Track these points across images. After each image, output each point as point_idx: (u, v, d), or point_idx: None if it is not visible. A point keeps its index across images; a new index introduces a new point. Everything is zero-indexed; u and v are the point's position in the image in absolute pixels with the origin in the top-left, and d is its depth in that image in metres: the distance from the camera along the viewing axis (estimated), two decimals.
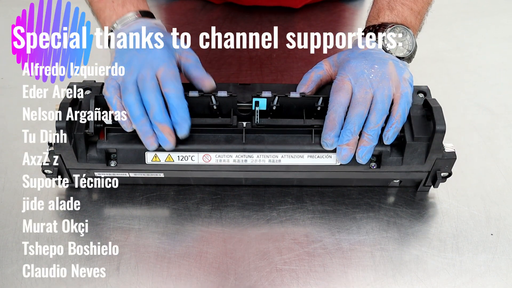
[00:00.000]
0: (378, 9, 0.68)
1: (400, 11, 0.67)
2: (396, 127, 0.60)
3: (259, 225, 0.65)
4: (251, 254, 0.61)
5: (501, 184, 0.70)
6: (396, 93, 0.61)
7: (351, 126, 0.59)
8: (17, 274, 0.59)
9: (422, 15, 0.70)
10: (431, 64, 0.90)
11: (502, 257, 0.62)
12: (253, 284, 0.59)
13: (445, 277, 0.60)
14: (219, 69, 0.88)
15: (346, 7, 1.04)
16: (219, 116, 0.64)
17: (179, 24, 0.97)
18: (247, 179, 0.67)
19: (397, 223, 0.65)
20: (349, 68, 0.62)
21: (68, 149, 0.61)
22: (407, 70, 0.63)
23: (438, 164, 0.63)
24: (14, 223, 0.64)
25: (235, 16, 1.00)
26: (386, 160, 0.62)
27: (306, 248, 0.62)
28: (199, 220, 0.65)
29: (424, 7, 0.69)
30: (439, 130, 0.59)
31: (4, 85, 0.85)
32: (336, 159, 0.62)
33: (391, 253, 0.62)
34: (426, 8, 0.70)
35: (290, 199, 0.67)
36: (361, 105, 0.60)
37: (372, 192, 0.68)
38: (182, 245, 0.62)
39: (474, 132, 0.77)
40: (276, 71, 0.88)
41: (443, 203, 0.67)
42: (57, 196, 0.67)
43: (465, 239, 0.63)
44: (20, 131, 0.76)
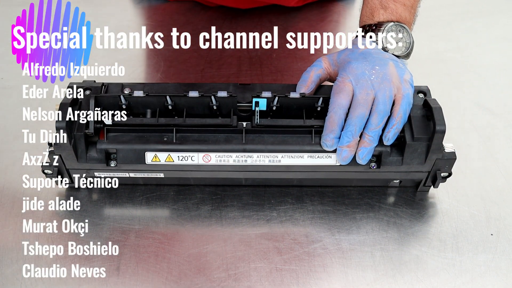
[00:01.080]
0: (371, 9, 0.68)
1: (393, 8, 0.67)
2: (397, 128, 0.60)
3: (259, 225, 0.65)
4: (251, 254, 0.61)
5: (501, 184, 0.70)
6: (397, 94, 0.61)
7: (352, 127, 0.59)
8: (17, 274, 0.59)
9: (415, 8, 0.70)
10: (431, 64, 0.90)
11: (502, 257, 0.62)
12: (253, 284, 0.59)
13: (445, 277, 0.60)
14: (219, 69, 0.88)
15: (345, 7, 1.04)
16: (219, 116, 0.64)
17: (179, 24, 0.97)
18: (247, 179, 0.67)
19: (397, 223, 0.65)
20: (350, 69, 0.62)
21: (68, 149, 0.61)
22: (407, 70, 0.63)
23: (438, 164, 0.63)
24: (14, 223, 0.64)
25: (235, 16, 1.00)
26: (386, 160, 0.62)
27: (306, 248, 0.62)
28: (199, 220, 0.65)
29: (416, 0, 0.69)
30: (439, 130, 0.59)
31: (4, 85, 0.85)
32: (336, 160, 0.62)
33: (391, 253, 0.62)
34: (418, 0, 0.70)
35: (290, 199, 0.67)
36: (362, 106, 0.60)
37: (372, 192, 0.68)
38: (182, 245, 0.62)
39: (474, 132, 0.77)
40: (276, 71, 0.88)
41: (443, 203, 0.67)
42: (57, 196, 0.67)
43: (465, 239, 0.63)
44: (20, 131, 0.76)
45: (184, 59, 0.89)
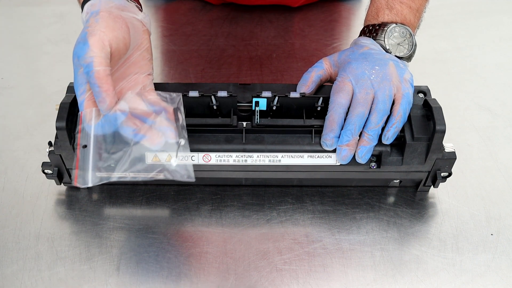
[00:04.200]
0: (376, 8, 0.68)
1: (399, 10, 0.67)
2: (397, 127, 0.60)
3: (259, 225, 0.65)
4: (251, 254, 0.61)
5: (501, 184, 0.70)
6: (397, 93, 0.61)
7: (351, 126, 0.59)
8: (17, 274, 0.59)
9: (421, 12, 0.70)
10: (431, 64, 0.90)
11: (502, 257, 0.62)
12: (253, 284, 0.59)
13: (445, 277, 0.60)
14: (219, 69, 0.88)
15: (345, 7, 1.04)
16: (219, 116, 0.64)
17: (179, 24, 0.98)
18: (247, 179, 0.67)
19: (397, 223, 0.65)
20: (350, 69, 0.62)
21: (68, 149, 0.61)
22: (408, 70, 0.63)
23: (438, 164, 0.63)
24: (14, 223, 0.64)
25: (235, 16, 1.00)
26: (386, 160, 0.62)
27: (306, 248, 0.62)
28: (199, 220, 0.65)
29: (422, 4, 0.70)
30: (439, 130, 0.59)
31: (4, 85, 0.85)
32: (336, 159, 0.62)
33: (391, 253, 0.62)
34: (424, 5, 0.70)
35: (290, 199, 0.67)
36: (362, 105, 0.60)
37: (372, 192, 0.68)
38: (182, 245, 0.62)
39: (474, 132, 0.77)
40: (276, 71, 0.88)
41: (443, 203, 0.67)
42: (57, 196, 0.67)
43: (465, 239, 0.63)
44: (20, 131, 0.76)
45: (184, 59, 0.89)
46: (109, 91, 0.53)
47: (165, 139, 0.56)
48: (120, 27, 0.56)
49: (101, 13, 0.56)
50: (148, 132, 0.55)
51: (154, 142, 0.55)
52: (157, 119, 0.56)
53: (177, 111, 0.57)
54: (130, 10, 0.60)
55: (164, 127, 0.56)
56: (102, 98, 0.53)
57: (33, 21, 1.00)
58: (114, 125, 0.55)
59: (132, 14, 0.59)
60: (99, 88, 0.53)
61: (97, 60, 0.53)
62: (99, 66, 0.53)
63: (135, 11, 0.61)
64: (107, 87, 0.53)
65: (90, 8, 0.58)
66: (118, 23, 0.56)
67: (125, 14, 0.58)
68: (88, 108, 0.55)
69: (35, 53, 0.92)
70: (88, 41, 0.53)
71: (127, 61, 0.59)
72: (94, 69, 0.52)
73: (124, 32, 0.56)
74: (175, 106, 0.58)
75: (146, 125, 0.56)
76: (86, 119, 0.55)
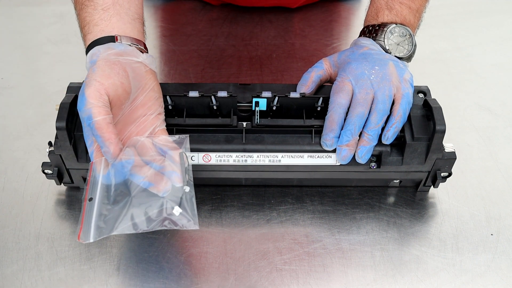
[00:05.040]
0: (376, 9, 0.68)
1: (399, 10, 0.67)
2: (397, 127, 0.60)
3: (259, 225, 0.65)
4: (251, 254, 0.61)
5: (501, 184, 0.70)
6: (397, 93, 0.61)
7: (351, 126, 0.59)
8: (17, 274, 0.59)
9: (420, 13, 0.70)
10: (431, 64, 0.90)
11: (502, 257, 0.62)
12: (253, 284, 0.59)
13: (445, 277, 0.60)
14: (219, 69, 0.88)
15: (345, 7, 1.04)
16: (219, 116, 0.64)
17: (179, 24, 0.98)
18: (247, 179, 0.67)
19: (397, 223, 0.65)
20: (350, 70, 0.62)
21: (68, 149, 0.61)
22: (407, 70, 0.63)
23: (438, 164, 0.63)
24: (14, 223, 0.64)
25: (235, 16, 1.00)
26: (386, 160, 0.62)
27: (306, 248, 0.62)
28: (199, 220, 0.65)
29: (422, 5, 0.70)
30: (439, 130, 0.59)
31: (4, 85, 0.85)
32: (336, 159, 0.62)
33: (391, 253, 0.62)
34: (424, 5, 0.70)
35: (290, 199, 0.67)
36: (361, 105, 0.60)
37: (372, 192, 0.68)
38: (182, 245, 0.62)
39: (474, 132, 0.77)
40: (276, 71, 0.88)
41: (443, 203, 0.67)
42: (57, 196, 0.67)
43: (465, 239, 0.63)
44: (20, 131, 0.76)
45: (184, 59, 0.89)
46: (112, 139, 0.54)
47: (171, 183, 0.56)
48: (117, 73, 0.56)
49: (98, 62, 0.57)
50: (155, 179, 0.56)
51: (160, 190, 0.55)
52: (165, 163, 0.56)
53: (184, 155, 0.57)
54: (130, 54, 0.59)
55: (170, 172, 0.56)
56: (106, 148, 0.54)
57: (33, 21, 1.00)
58: (123, 173, 0.55)
59: (131, 57, 0.59)
60: (101, 138, 0.54)
61: (96, 111, 0.53)
62: (98, 116, 0.53)
63: (135, 54, 0.60)
64: (108, 136, 0.54)
65: (91, 58, 0.59)
66: (114, 69, 0.56)
67: (123, 59, 0.58)
68: (97, 158, 0.56)
69: (35, 53, 0.92)
70: (85, 93, 0.54)
71: (133, 104, 0.59)
72: (93, 120, 0.53)
73: (122, 77, 0.56)
74: (182, 148, 0.58)
75: (152, 171, 0.56)
76: (97, 169, 0.56)
